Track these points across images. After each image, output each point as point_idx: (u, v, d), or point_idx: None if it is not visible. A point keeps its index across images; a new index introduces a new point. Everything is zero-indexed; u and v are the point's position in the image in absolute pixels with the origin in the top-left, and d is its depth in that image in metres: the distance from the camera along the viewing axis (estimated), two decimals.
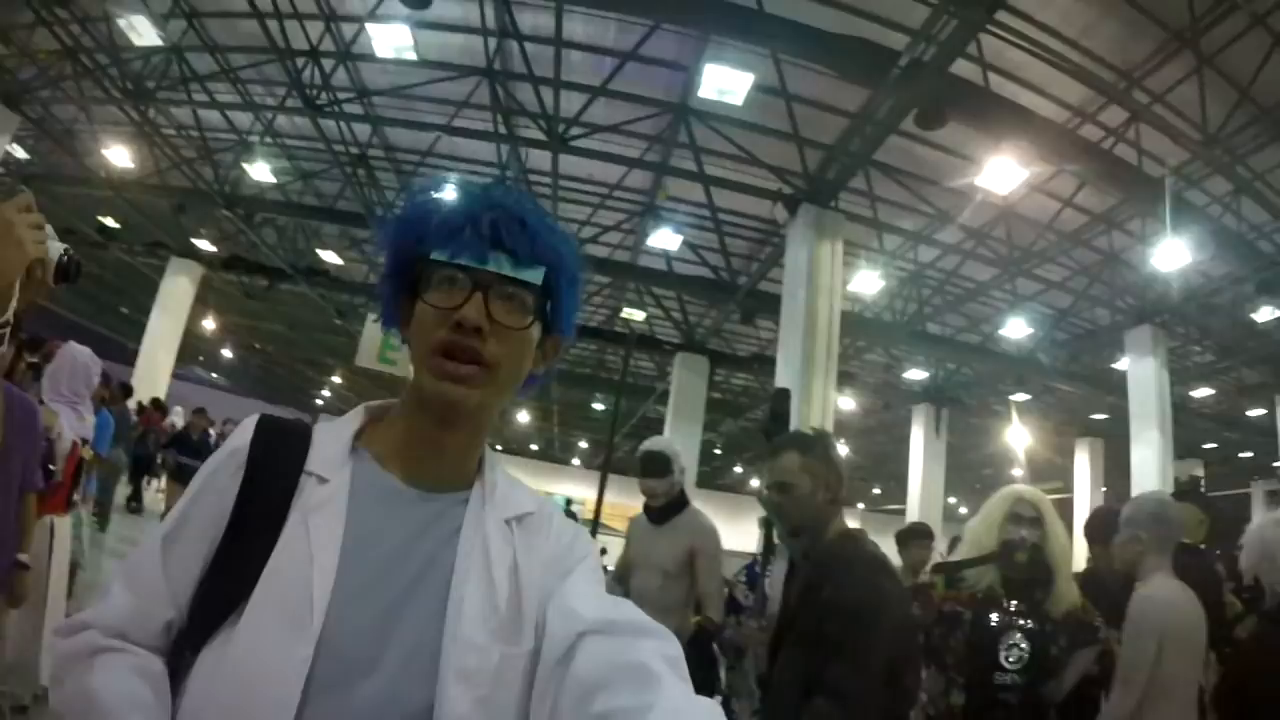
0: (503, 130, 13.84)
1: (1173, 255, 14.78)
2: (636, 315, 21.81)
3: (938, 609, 3.81)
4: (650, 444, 5.01)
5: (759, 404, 28.90)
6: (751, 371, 24.92)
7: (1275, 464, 27.82)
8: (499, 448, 48.05)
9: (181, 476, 13.26)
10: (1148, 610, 3.52)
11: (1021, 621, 3.46)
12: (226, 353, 42.09)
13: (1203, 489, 28.94)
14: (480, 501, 1.32)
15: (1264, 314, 18.30)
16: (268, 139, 16.62)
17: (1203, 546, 5.17)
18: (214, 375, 49.45)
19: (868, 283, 17.04)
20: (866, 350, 23.00)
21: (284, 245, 21.27)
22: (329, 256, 21.97)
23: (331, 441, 1.31)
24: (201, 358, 42.39)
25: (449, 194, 1.35)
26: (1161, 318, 18.77)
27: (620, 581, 5.00)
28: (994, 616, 3.51)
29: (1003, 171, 12.44)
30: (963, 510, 43.74)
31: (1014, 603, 3.51)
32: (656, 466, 4.83)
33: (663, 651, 1.08)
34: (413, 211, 1.35)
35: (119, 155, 17.92)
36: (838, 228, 13.59)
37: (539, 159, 15.14)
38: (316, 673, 1.09)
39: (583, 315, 20.19)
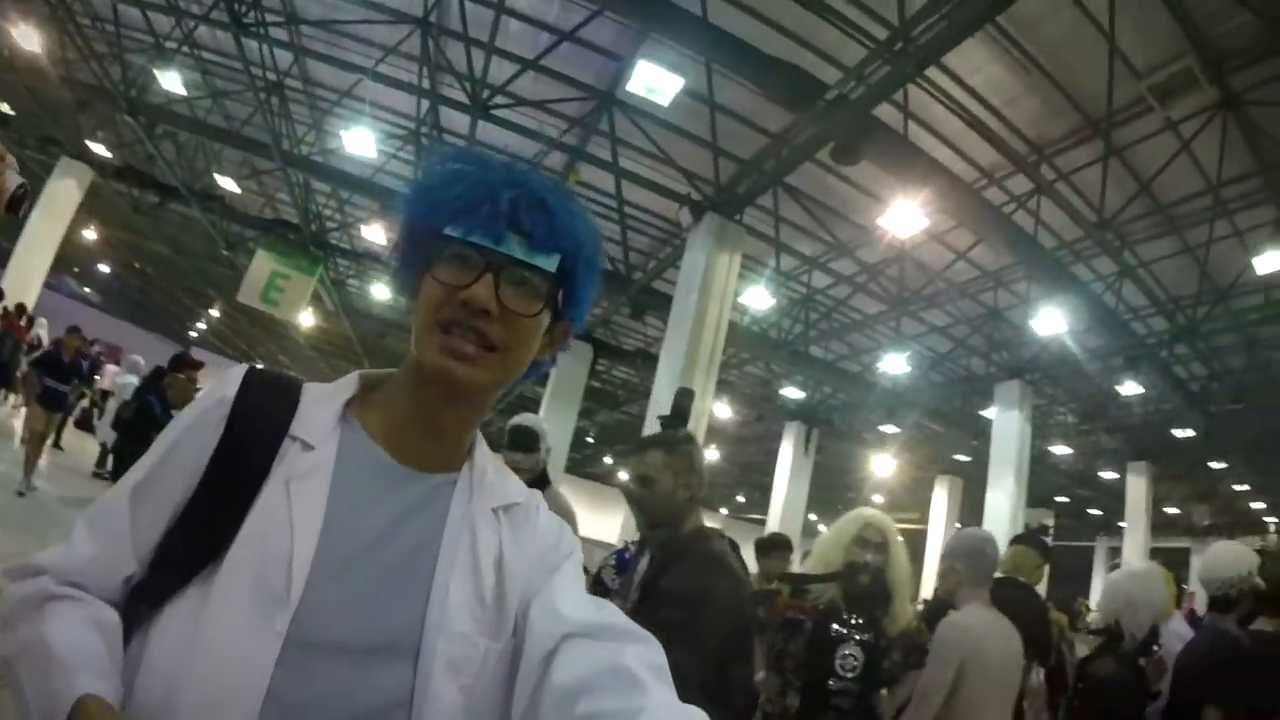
0: (426, 85, 13.52)
1: (1051, 322, 15.60)
2: None
3: (781, 615, 3.95)
4: (520, 419, 4.96)
5: (637, 399, 29.11)
6: (634, 366, 24.97)
7: (1120, 524, 28.95)
8: None
9: (48, 401, 12.07)
10: (950, 636, 3.83)
11: (859, 635, 3.69)
12: (104, 268, 39.10)
13: (1049, 537, 30.36)
14: (469, 487, 1.29)
15: (1127, 388, 19.44)
16: (185, 49, 15.63)
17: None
18: (87, 290, 45.78)
19: (759, 298, 17.26)
20: (748, 362, 23.28)
21: (182, 163, 20.04)
22: (226, 183, 20.71)
23: (321, 406, 1.25)
24: (76, 269, 39.42)
25: (470, 167, 1.26)
26: (1032, 376, 19.74)
27: None
28: (834, 627, 3.72)
29: (905, 216, 12.74)
30: (821, 526, 44.55)
31: (855, 617, 3.73)
32: (524, 441, 4.76)
33: (648, 658, 1.09)
34: (430, 181, 1.27)
35: (27, 37, 16.27)
36: (738, 240, 13.77)
37: (457, 121, 14.85)
38: (289, 649, 1.07)
39: None
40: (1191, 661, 3.85)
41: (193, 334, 47.60)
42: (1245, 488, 32.37)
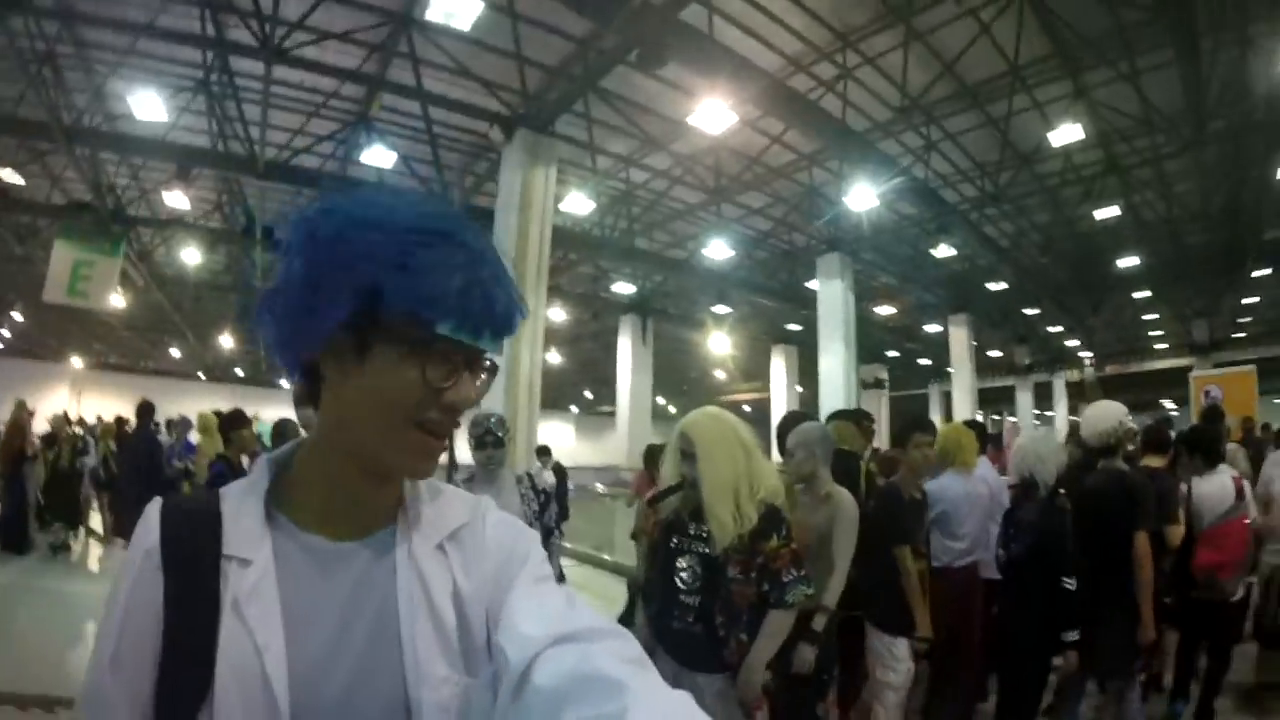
0: (211, 33, 12.73)
1: (864, 196, 15.87)
2: None
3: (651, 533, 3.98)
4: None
5: None
6: None
7: (949, 370, 30.39)
8: (201, 375, 44.39)
9: None
10: (851, 510, 4.40)
11: (701, 548, 3.59)
12: None
13: (884, 388, 31.84)
14: (407, 534, 1.21)
15: (941, 250, 20.16)
16: None
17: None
18: None
19: (579, 203, 17.08)
20: (577, 264, 23.19)
21: None
22: (6, 174, 18.47)
23: (244, 514, 1.16)
24: None
25: (459, 254, 1.13)
26: (851, 246, 20.30)
27: None
28: (675, 539, 3.67)
29: (714, 114, 12.72)
30: (671, 410, 45.46)
31: (698, 528, 3.61)
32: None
33: (621, 653, 0.99)
34: (415, 263, 1.09)
35: None
36: (552, 153, 13.61)
37: (250, 67, 13.45)
38: None
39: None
40: (1105, 494, 4.89)
41: None
42: (1059, 329, 34.68)
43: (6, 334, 39.72)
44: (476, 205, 16.78)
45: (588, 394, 47.16)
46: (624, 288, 25.69)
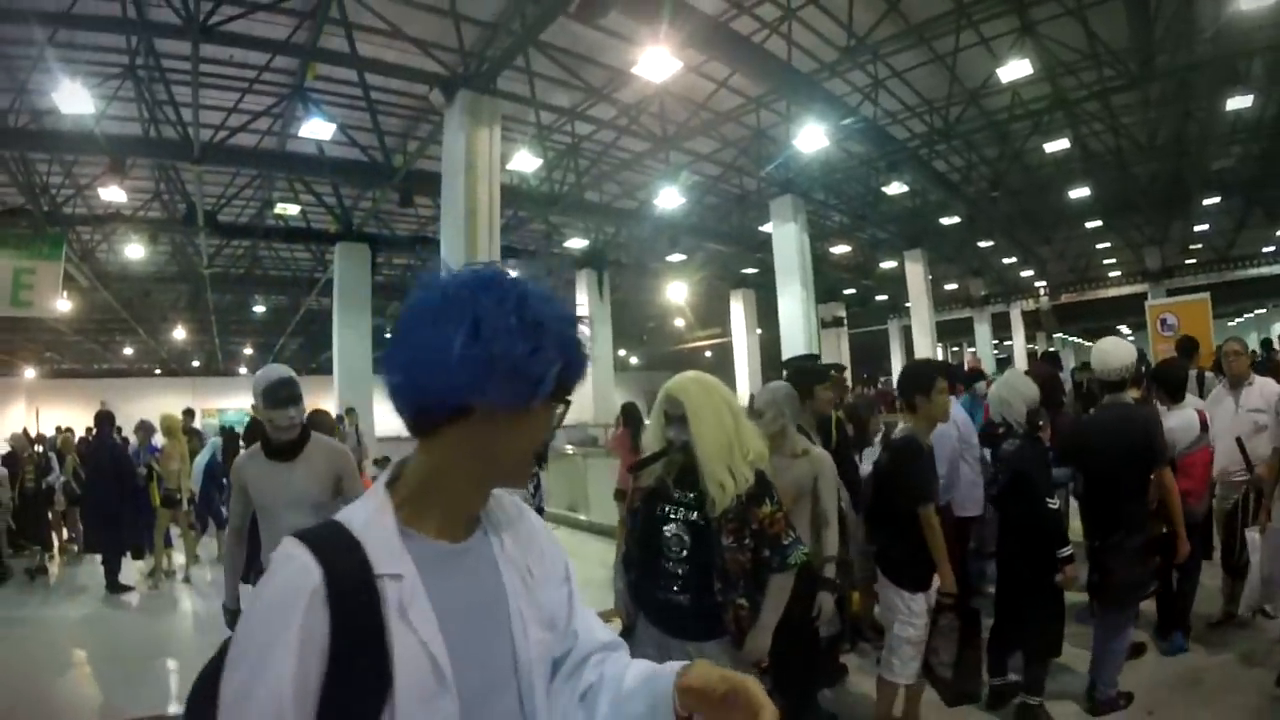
0: (133, 15, 12.18)
1: (813, 137, 15.69)
2: (291, 209, 20.46)
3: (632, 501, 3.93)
4: (274, 370, 4.48)
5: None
6: (413, 253, 24.38)
7: (907, 305, 30.66)
8: (157, 371, 43.53)
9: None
10: (831, 465, 4.73)
11: (689, 515, 3.53)
12: None
13: (843, 326, 32.07)
14: (495, 531, 1.54)
15: (893, 187, 20.40)
16: None
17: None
18: None
19: (526, 161, 16.91)
20: (527, 221, 22.98)
21: None
22: None
23: (379, 536, 1.36)
24: None
25: (552, 321, 1.40)
26: (802, 188, 20.21)
27: (239, 529, 4.63)
28: (662, 506, 3.60)
29: (658, 61, 12.47)
30: (633, 360, 45.49)
31: (685, 493, 3.55)
32: (294, 393, 4.35)
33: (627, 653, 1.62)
34: (528, 339, 1.35)
35: None
36: (495, 112, 13.34)
37: (177, 47, 12.83)
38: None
39: (232, 211, 18.26)
40: (1120, 430, 5.09)
41: None
42: (1012, 260, 35.09)
43: None
44: (421, 170, 16.61)
45: None
46: (577, 242, 25.49)
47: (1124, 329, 36.68)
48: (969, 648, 4.81)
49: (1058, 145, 19.27)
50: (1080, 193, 23.22)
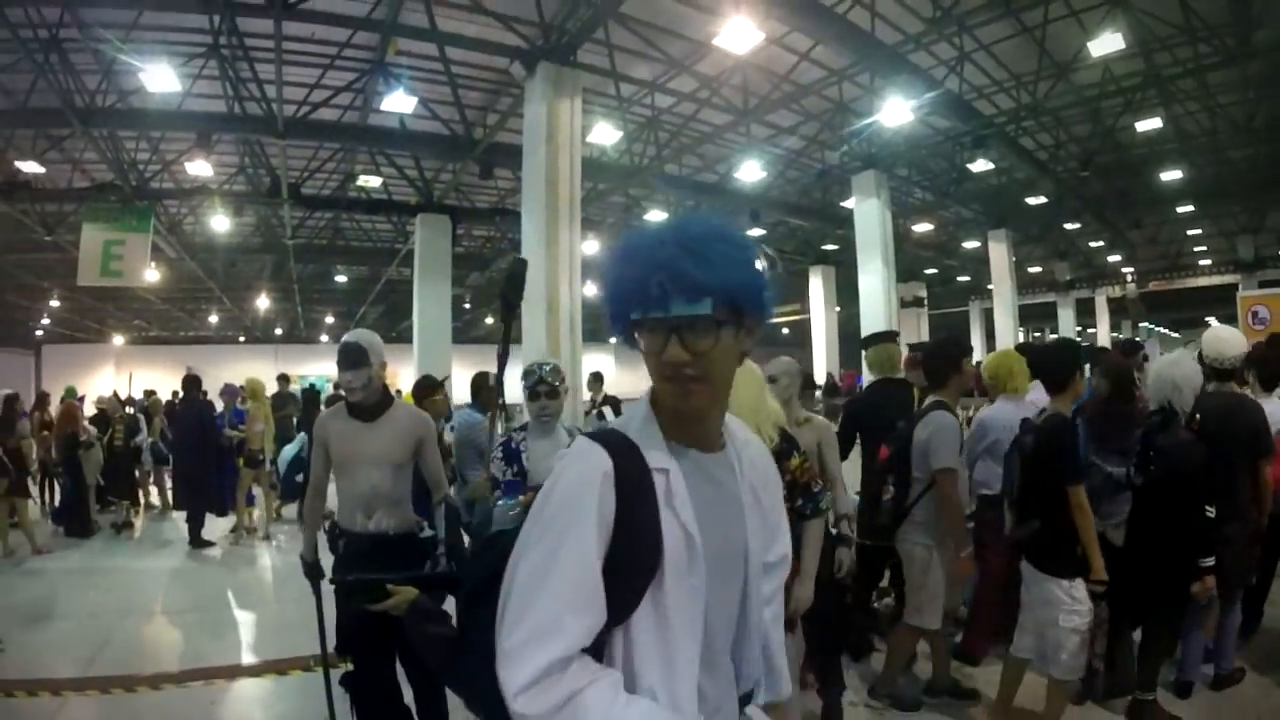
0: None
1: (897, 111, 15.53)
2: (373, 181, 20.60)
3: None
4: (347, 336, 4.68)
5: (502, 255, 28.63)
6: (493, 224, 24.66)
7: (989, 286, 30.17)
8: (241, 339, 44.89)
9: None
10: (831, 429, 5.09)
11: None
12: None
13: (924, 306, 31.65)
14: (734, 449, 1.82)
15: (979, 164, 19.96)
16: None
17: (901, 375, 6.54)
18: None
19: (606, 134, 16.90)
20: (607, 194, 22.97)
21: None
22: (27, 166, 17.80)
23: (652, 439, 1.67)
24: None
25: (636, 255, 1.62)
26: (886, 163, 20.05)
27: (319, 484, 4.73)
28: None
29: (740, 32, 12.32)
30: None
31: None
32: (352, 358, 4.48)
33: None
34: (610, 278, 1.68)
35: None
36: (576, 84, 13.33)
37: (260, 26, 13.03)
38: (707, 596, 1.64)
39: (315, 184, 18.50)
40: (1229, 419, 5.11)
41: (38, 333, 42.57)
42: (1099, 244, 34.10)
43: (47, 322, 40.32)
44: (501, 142, 16.72)
45: None
46: (657, 215, 25.27)
47: (1212, 320, 35.74)
48: (1119, 639, 4.90)
49: (1150, 124, 18.53)
50: (1173, 175, 22.48)
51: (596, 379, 13.84)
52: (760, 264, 1.67)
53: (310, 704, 5.32)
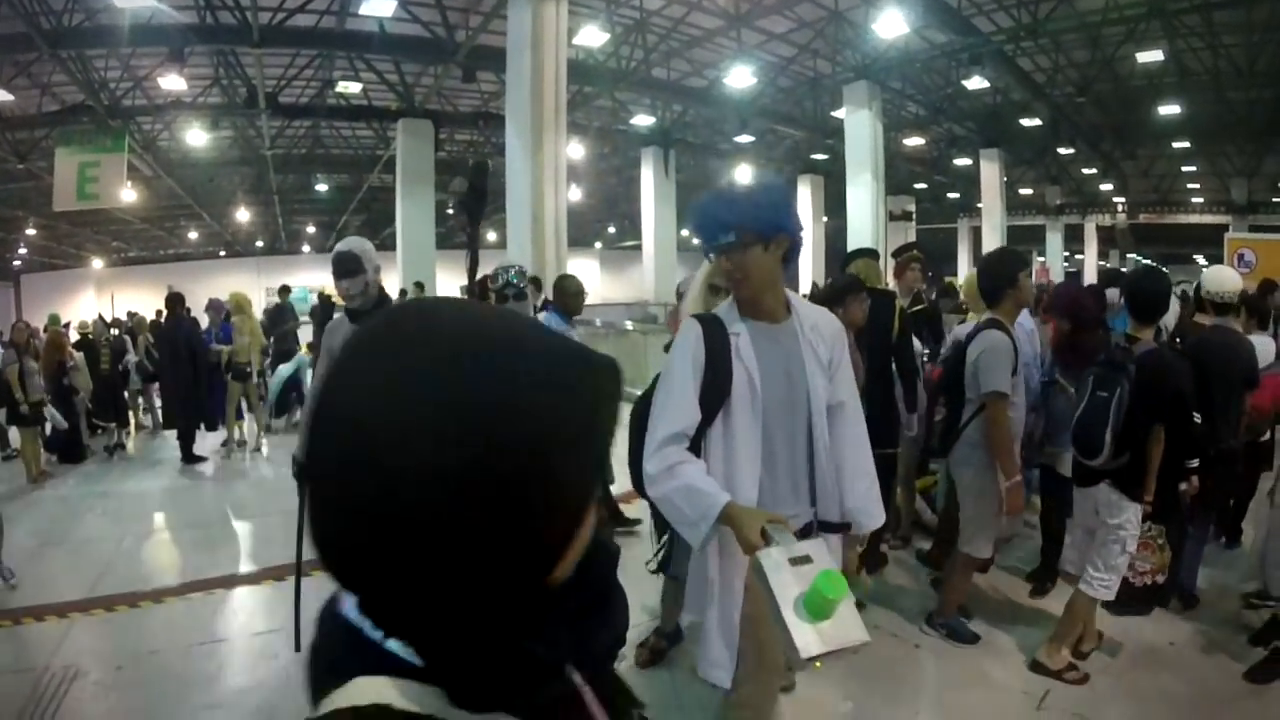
0: None
1: (893, 23, 15.22)
2: (352, 88, 20.24)
3: None
4: (340, 245, 4.76)
5: (487, 158, 28.29)
6: (476, 128, 24.26)
7: (979, 205, 30.01)
8: (222, 253, 44.26)
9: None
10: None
11: None
12: None
13: (912, 221, 31.58)
14: (797, 320, 2.78)
15: (974, 82, 19.56)
16: None
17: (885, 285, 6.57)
18: None
19: (593, 36, 16.55)
20: (595, 98, 22.62)
21: None
22: None
23: (731, 315, 2.73)
24: None
25: (697, 208, 2.80)
26: (879, 76, 19.62)
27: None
28: None
29: None
30: (695, 241, 45.37)
31: None
32: (346, 266, 4.61)
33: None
34: (692, 226, 2.90)
35: None
36: None
37: None
38: (764, 420, 2.64)
39: (293, 93, 18.14)
40: (1230, 351, 5.30)
41: (16, 263, 41.92)
42: (1092, 171, 33.78)
43: (24, 252, 40.39)
44: (484, 45, 16.25)
45: (611, 229, 46.50)
46: (644, 119, 25.04)
47: (1199, 259, 35.66)
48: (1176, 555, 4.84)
49: (1151, 57, 18.33)
50: (1170, 110, 22.20)
51: (534, 282, 13.55)
52: (776, 200, 2.73)
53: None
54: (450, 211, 27.45)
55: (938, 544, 6.05)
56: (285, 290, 14.92)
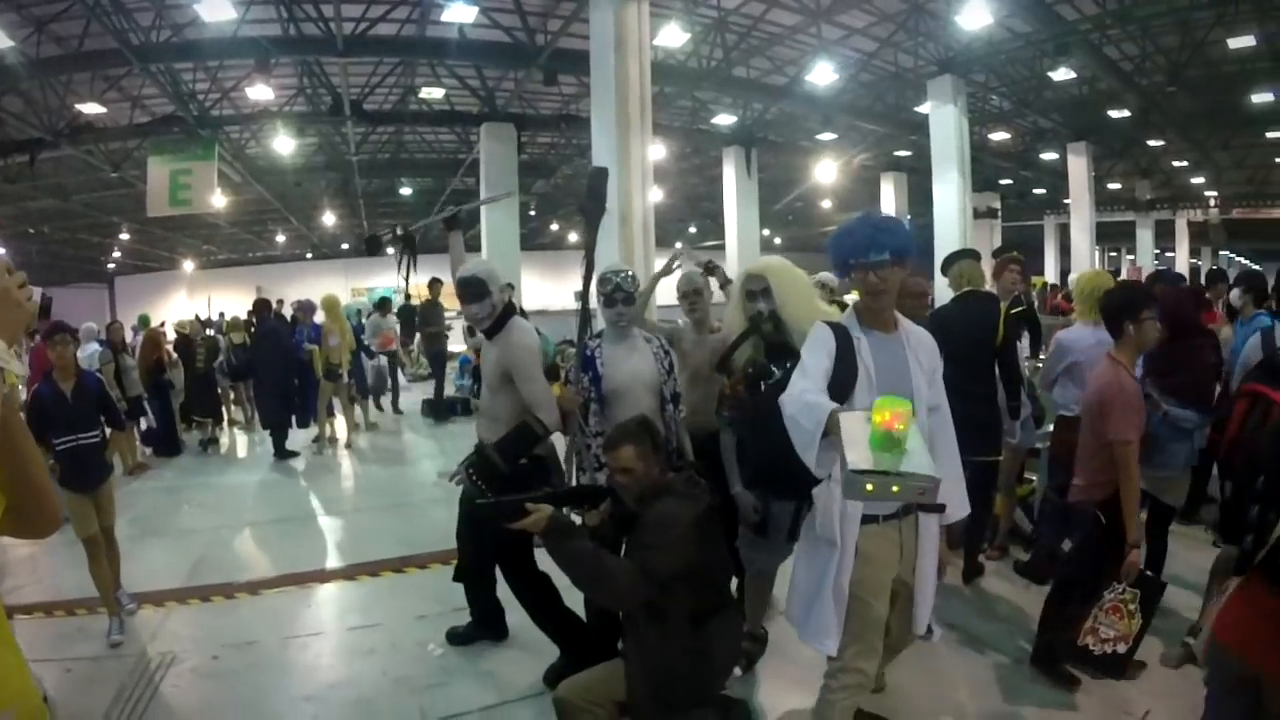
0: None
1: (976, 13, 15.11)
2: (435, 93, 20.69)
3: (730, 402, 4.32)
4: (464, 271, 4.76)
5: (567, 161, 28.76)
6: (558, 130, 24.41)
7: (1066, 201, 29.58)
8: (309, 255, 45.33)
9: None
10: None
11: None
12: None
13: (998, 218, 31.06)
14: (905, 332, 3.35)
15: (1060, 73, 19.44)
16: None
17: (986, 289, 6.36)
18: None
19: (673, 35, 16.52)
20: (676, 98, 22.66)
21: (35, 111, 18.70)
22: (89, 108, 18.52)
23: (854, 324, 3.27)
24: None
25: (849, 231, 3.24)
26: (963, 69, 19.36)
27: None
28: (763, 385, 3.83)
29: None
30: (777, 241, 44.97)
31: (787, 363, 3.67)
32: (474, 291, 4.64)
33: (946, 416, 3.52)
34: (835, 244, 3.28)
35: None
36: None
37: None
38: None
39: (377, 99, 18.68)
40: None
41: (110, 265, 44.17)
42: (1184, 164, 32.79)
43: (118, 255, 41.70)
44: (564, 48, 16.57)
45: (693, 229, 46.25)
46: (725, 119, 24.99)
47: None
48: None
49: (1243, 42, 17.77)
50: (1265, 98, 21.48)
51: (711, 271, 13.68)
52: (905, 228, 3.26)
53: (398, 604, 6.19)
54: (533, 213, 27.76)
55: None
56: (436, 284, 14.73)
